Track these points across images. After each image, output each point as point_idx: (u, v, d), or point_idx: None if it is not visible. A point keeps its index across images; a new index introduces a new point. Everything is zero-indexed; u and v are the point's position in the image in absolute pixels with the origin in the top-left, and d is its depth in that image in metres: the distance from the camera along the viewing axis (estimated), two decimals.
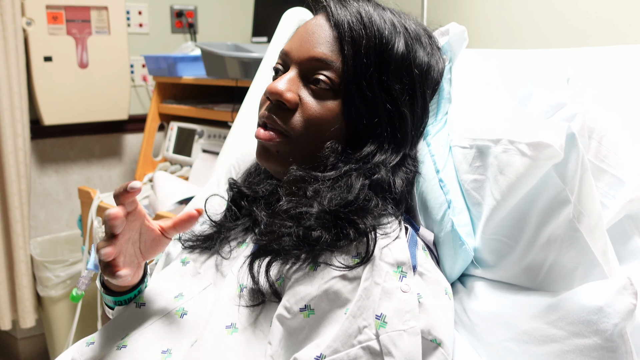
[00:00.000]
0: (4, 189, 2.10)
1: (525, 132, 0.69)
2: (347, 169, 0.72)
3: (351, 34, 0.74)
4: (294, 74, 0.76)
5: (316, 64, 0.75)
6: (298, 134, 0.75)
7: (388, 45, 0.74)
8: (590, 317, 0.63)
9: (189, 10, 2.62)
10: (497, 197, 0.70)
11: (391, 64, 0.74)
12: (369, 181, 0.71)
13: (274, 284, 0.69)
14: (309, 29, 0.77)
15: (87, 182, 2.50)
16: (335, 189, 0.70)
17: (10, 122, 2.05)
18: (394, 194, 0.73)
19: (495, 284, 0.74)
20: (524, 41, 1.89)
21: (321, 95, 0.75)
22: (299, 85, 0.76)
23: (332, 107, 0.74)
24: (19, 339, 2.37)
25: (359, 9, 0.76)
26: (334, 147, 0.73)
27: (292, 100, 0.74)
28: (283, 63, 0.79)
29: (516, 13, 1.90)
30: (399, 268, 0.65)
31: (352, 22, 0.74)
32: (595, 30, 1.71)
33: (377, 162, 0.73)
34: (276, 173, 0.79)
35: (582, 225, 0.66)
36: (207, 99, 2.26)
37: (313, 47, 0.75)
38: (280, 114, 0.75)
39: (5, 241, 2.15)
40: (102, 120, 2.37)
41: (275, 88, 0.74)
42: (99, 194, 1.91)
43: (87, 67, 2.27)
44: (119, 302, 0.80)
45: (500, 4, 1.95)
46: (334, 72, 0.74)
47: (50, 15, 2.17)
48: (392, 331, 0.61)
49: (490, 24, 1.97)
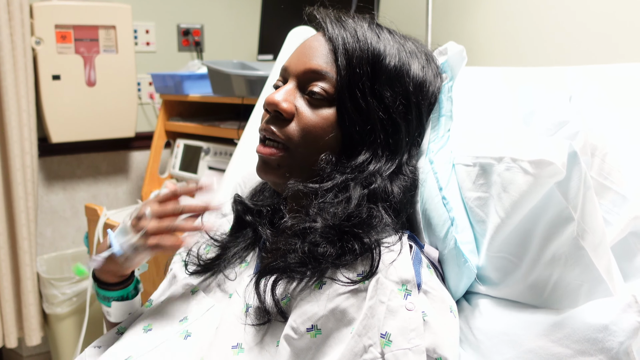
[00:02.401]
0: (12, 206, 2.11)
1: (528, 150, 0.69)
2: (344, 179, 0.73)
3: (345, 47, 0.76)
4: (292, 86, 0.79)
5: (312, 76, 0.77)
6: (295, 144, 0.76)
7: (380, 57, 0.77)
8: (595, 335, 0.63)
9: (195, 29, 2.65)
10: (502, 215, 0.70)
11: (383, 73, 0.76)
12: (367, 190, 0.73)
13: (279, 303, 0.69)
14: (306, 45, 0.81)
15: (94, 199, 2.51)
16: (336, 203, 0.71)
17: (18, 140, 2.07)
18: (392, 203, 0.74)
19: (501, 301, 0.74)
20: (527, 58, 1.90)
21: (317, 105, 0.77)
22: (295, 96, 0.78)
23: (327, 115, 0.76)
24: (25, 357, 2.37)
25: (354, 27, 0.79)
26: (329, 158, 0.75)
27: (289, 110, 0.77)
28: (283, 79, 0.82)
29: (520, 30, 1.91)
30: (403, 286, 0.65)
31: (346, 36, 0.77)
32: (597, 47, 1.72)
33: (373, 171, 0.74)
34: (277, 186, 0.81)
35: (586, 243, 0.67)
36: (213, 116, 2.28)
37: (309, 60, 0.78)
38: (277, 124, 0.77)
39: (12, 258, 2.15)
40: (109, 138, 2.39)
41: (272, 99, 0.77)
42: (106, 211, 1.92)
43: (95, 85, 2.30)
44: (116, 298, 0.81)
45: (503, 22, 1.96)
46: (329, 82, 0.76)
47: (59, 34, 2.20)
48: (397, 350, 0.61)
49: (494, 42, 1.99)
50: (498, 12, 1.97)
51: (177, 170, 2.23)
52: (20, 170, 2.09)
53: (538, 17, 1.86)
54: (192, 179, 2.17)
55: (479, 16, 2.03)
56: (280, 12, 2.38)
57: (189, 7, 2.63)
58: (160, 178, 2.31)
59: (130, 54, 2.36)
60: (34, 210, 2.16)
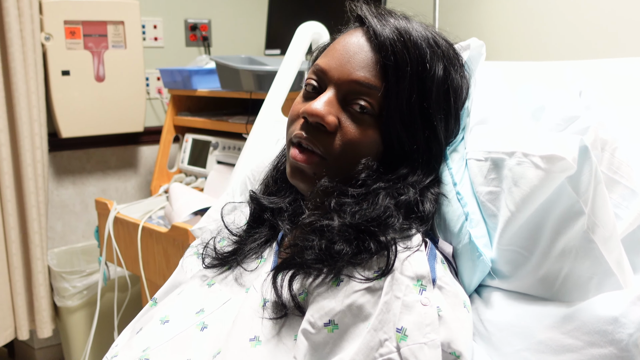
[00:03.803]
0: (23, 201, 2.13)
1: (539, 145, 0.70)
2: (376, 187, 0.72)
3: (395, 59, 0.73)
4: (332, 95, 0.75)
5: (357, 88, 0.74)
6: (335, 157, 0.74)
7: (430, 71, 0.74)
8: (605, 327, 0.64)
9: (203, 24, 2.66)
10: (512, 209, 0.71)
11: (432, 90, 0.74)
12: (395, 201, 0.72)
13: (297, 298, 0.70)
14: (349, 49, 0.76)
15: (103, 193, 2.53)
16: (360, 204, 0.71)
17: (29, 135, 2.09)
18: (420, 214, 0.73)
19: (511, 294, 0.75)
20: (534, 53, 1.90)
21: (360, 119, 0.74)
22: (338, 107, 0.75)
23: (371, 131, 0.74)
24: (36, 349, 2.40)
25: (398, 27, 0.75)
26: (369, 164, 0.73)
27: (333, 124, 0.73)
28: (319, 80, 0.78)
29: (527, 25, 1.91)
30: (418, 282, 0.66)
31: (395, 44, 0.73)
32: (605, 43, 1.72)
33: (407, 184, 0.73)
34: (304, 191, 0.79)
35: (596, 236, 0.67)
36: (221, 111, 2.29)
37: (355, 70, 0.74)
38: (318, 136, 0.74)
39: (23, 252, 2.18)
40: (118, 133, 2.41)
41: (316, 110, 0.73)
42: (116, 206, 1.94)
43: (104, 80, 2.31)
44: None
45: (510, 16, 1.96)
46: (375, 97, 0.73)
47: (68, 30, 2.21)
48: (412, 344, 0.62)
49: (500, 36, 1.99)
50: (505, 6, 1.97)
51: (186, 164, 2.24)
52: (31, 165, 2.11)
53: (546, 11, 1.86)
54: (200, 173, 2.18)
55: (486, 10, 2.03)
56: (288, 6, 2.38)
57: (196, 2, 2.63)
58: (169, 172, 2.32)
59: (138, 49, 2.37)
60: (44, 205, 2.18)
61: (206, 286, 0.83)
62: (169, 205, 1.89)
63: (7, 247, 2.14)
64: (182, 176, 2.28)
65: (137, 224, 1.77)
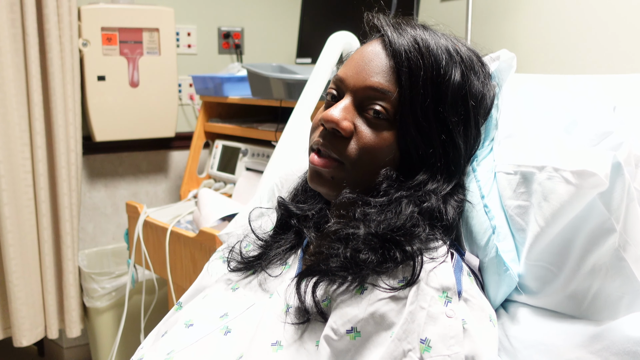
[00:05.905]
0: (56, 202, 2.18)
1: (570, 160, 0.69)
2: (398, 196, 0.73)
3: (408, 64, 0.74)
4: (349, 102, 0.76)
5: (372, 94, 0.75)
6: (352, 162, 0.75)
7: (445, 76, 0.74)
8: (635, 348, 0.63)
9: (235, 32, 2.69)
10: (541, 224, 0.70)
11: (448, 95, 0.74)
12: (419, 209, 0.72)
13: (320, 304, 0.70)
14: (365, 57, 0.77)
15: (134, 197, 2.57)
16: (385, 213, 0.71)
17: (64, 138, 2.14)
18: (444, 221, 0.73)
19: (539, 310, 0.74)
20: (567, 66, 1.88)
21: (376, 124, 0.75)
22: (354, 113, 0.76)
23: (387, 136, 0.75)
24: (65, 348, 2.45)
25: (415, 36, 0.76)
26: (389, 174, 0.74)
27: (348, 129, 0.75)
28: (337, 89, 0.79)
29: (561, 37, 1.89)
30: (444, 293, 0.66)
31: (410, 51, 0.74)
32: None
33: (429, 190, 0.74)
34: (327, 196, 0.80)
35: (627, 255, 0.66)
36: (251, 118, 2.31)
37: (369, 76, 0.75)
38: (335, 142, 0.76)
39: (55, 252, 2.22)
40: (150, 138, 2.45)
41: (332, 116, 0.75)
42: (146, 209, 1.97)
43: (138, 86, 2.36)
44: None
45: (545, 28, 1.94)
46: (390, 102, 0.74)
47: (105, 36, 2.26)
48: (436, 356, 0.62)
49: (534, 48, 1.96)
50: (538, 18, 1.95)
51: (215, 170, 2.27)
52: (65, 168, 2.16)
53: (580, 23, 1.83)
54: (229, 179, 2.20)
55: (519, 22, 2.01)
56: (319, 16, 2.40)
57: (230, 11, 2.67)
58: (199, 178, 2.35)
59: (172, 56, 2.41)
60: (77, 207, 2.23)
61: (230, 290, 0.84)
62: (197, 210, 1.91)
63: (39, 247, 2.18)
64: (211, 182, 2.31)
65: (166, 228, 1.79)
